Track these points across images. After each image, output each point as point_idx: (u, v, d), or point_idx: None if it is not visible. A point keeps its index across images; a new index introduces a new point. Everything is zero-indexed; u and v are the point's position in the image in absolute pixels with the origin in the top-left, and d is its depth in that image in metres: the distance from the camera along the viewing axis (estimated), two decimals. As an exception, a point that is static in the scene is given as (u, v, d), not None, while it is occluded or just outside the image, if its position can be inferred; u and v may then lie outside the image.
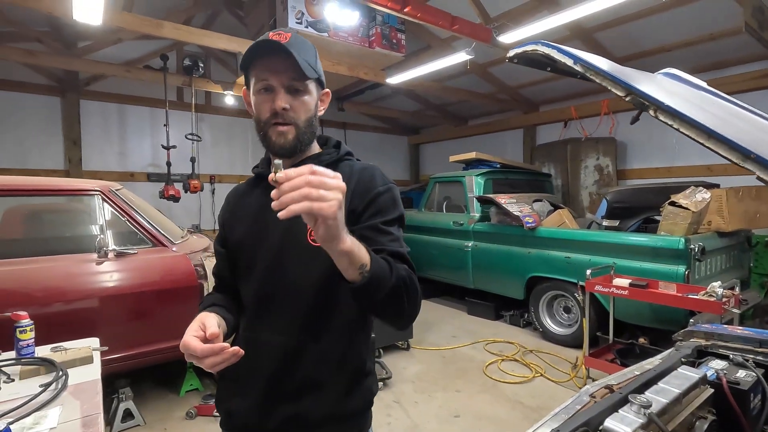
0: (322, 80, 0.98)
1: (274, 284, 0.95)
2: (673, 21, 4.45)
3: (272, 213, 0.82)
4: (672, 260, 3.25)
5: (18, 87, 5.75)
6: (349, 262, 0.72)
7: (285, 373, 0.93)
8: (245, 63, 0.90)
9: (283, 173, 0.62)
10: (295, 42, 0.89)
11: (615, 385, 1.04)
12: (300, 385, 0.93)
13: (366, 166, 1.01)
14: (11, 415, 1.15)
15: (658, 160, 5.68)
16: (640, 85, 0.81)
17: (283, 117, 0.90)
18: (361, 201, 0.92)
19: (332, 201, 0.62)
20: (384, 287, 0.76)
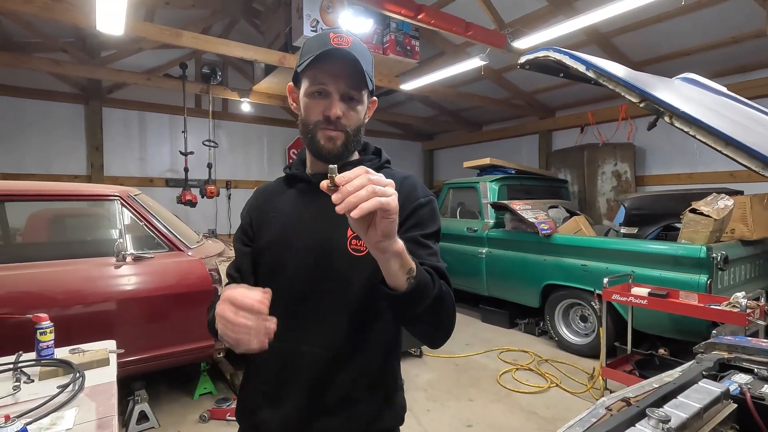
0: (373, 89, 0.96)
1: (310, 291, 0.91)
2: (694, 24, 4.36)
3: (306, 216, 0.85)
4: (693, 269, 3.16)
5: (44, 95, 5.96)
6: (400, 265, 0.70)
7: (323, 386, 0.90)
8: (304, 62, 0.87)
9: (341, 176, 0.63)
10: (357, 48, 0.88)
11: (632, 398, 1.01)
12: (337, 400, 0.90)
13: (406, 175, 0.99)
14: (30, 416, 1.18)
15: (678, 166, 5.55)
16: (655, 91, 0.79)
17: (335, 124, 0.89)
18: (403, 211, 0.89)
19: (394, 195, 0.63)
20: (427, 297, 0.75)
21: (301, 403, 0.90)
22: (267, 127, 7.81)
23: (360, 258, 0.87)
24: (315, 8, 4.24)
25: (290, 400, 0.91)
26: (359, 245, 0.89)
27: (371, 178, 0.62)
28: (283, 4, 4.67)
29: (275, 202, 1.03)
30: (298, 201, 0.98)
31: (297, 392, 0.90)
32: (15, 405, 1.29)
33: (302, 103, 0.92)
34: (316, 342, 0.90)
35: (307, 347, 0.90)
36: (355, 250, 0.89)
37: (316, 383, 0.90)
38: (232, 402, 2.92)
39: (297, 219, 0.95)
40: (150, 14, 5.23)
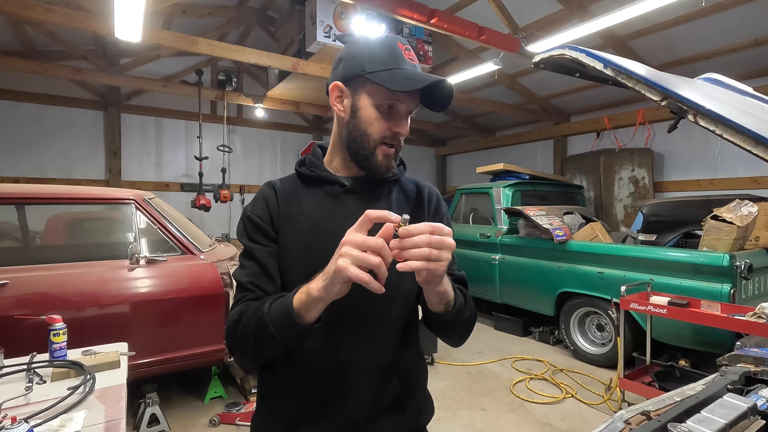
0: None
1: (352, 303, 0.81)
2: (714, 27, 4.26)
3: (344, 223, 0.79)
4: (715, 278, 3.05)
5: (66, 102, 6.13)
6: (439, 300, 0.77)
7: (374, 394, 0.88)
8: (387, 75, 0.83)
9: (405, 229, 0.65)
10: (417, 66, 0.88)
11: (652, 412, 0.96)
12: (387, 405, 0.90)
13: (429, 185, 1.03)
14: (39, 417, 1.18)
15: (699, 172, 5.41)
16: (678, 89, 0.75)
17: (398, 141, 0.89)
18: (427, 210, 0.98)
19: (445, 261, 0.67)
20: (460, 320, 0.85)
21: (353, 414, 0.87)
22: (280, 133, 7.89)
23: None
24: (328, 14, 4.27)
25: (341, 412, 0.87)
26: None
27: (432, 240, 0.65)
28: (296, 11, 4.72)
29: (298, 203, 0.94)
30: (331, 205, 0.92)
31: (348, 404, 0.87)
32: (26, 406, 1.29)
33: (366, 112, 0.86)
34: (362, 352, 0.88)
35: (354, 358, 0.87)
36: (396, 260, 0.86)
37: (366, 392, 0.88)
38: (242, 407, 2.91)
39: (334, 225, 0.87)
40: (167, 22, 5.34)
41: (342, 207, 0.91)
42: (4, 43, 5.16)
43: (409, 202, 0.98)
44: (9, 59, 4.75)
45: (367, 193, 0.93)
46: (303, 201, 0.94)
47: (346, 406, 0.87)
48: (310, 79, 5.17)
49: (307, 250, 0.89)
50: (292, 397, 0.90)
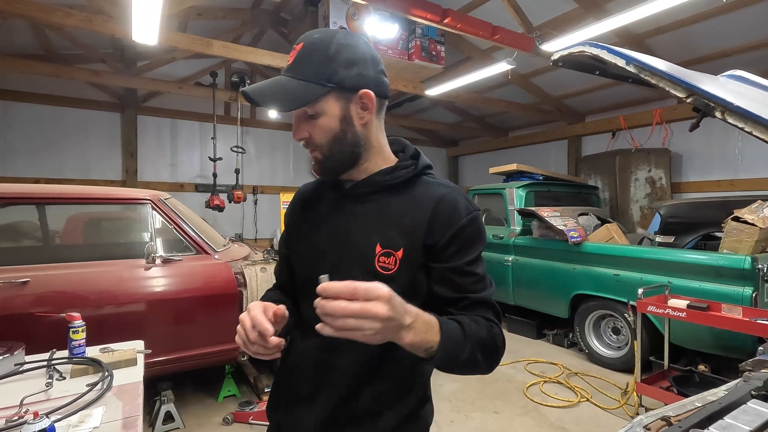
0: (351, 84, 0.81)
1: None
2: (735, 24, 4.16)
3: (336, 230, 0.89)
4: (737, 281, 2.98)
5: (84, 104, 6.26)
6: (411, 348, 0.70)
7: (351, 398, 0.88)
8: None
9: (322, 287, 0.61)
10: (301, 58, 0.81)
11: (673, 417, 0.94)
12: (362, 412, 0.88)
13: (447, 190, 0.89)
14: (60, 413, 1.20)
15: (718, 173, 5.28)
16: (704, 86, 0.73)
17: (308, 145, 0.86)
18: (442, 235, 0.83)
19: (369, 331, 0.62)
20: (455, 362, 0.75)
21: (329, 412, 0.88)
22: (292, 134, 7.93)
23: (388, 276, 0.83)
24: (341, 15, 4.29)
25: (320, 407, 0.89)
26: (387, 263, 0.84)
27: (350, 309, 0.60)
28: (309, 12, 4.75)
29: (310, 208, 0.98)
30: (331, 210, 0.93)
31: (328, 401, 0.88)
32: (47, 401, 1.32)
33: None
34: (346, 357, 0.87)
35: (339, 360, 0.88)
36: (383, 268, 0.84)
37: (345, 395, 0.88)
38: (255, 405, 2.93)
39: (327, 233, 0.91)
40: (183, 25, 5.42)
41: (340, 214, 0.91)
42: (25, 47, 5.29)
43: (408, 210, 0.86)
44: (30, 63, 4.87)
45: (356, 195, 0.90)
46: (315, 208, 0.96)
47: (324, 405, 0.88)
48: (322, 80, 5.19)
49: (306, 258, 0.95)
50: (289, 381, 0.96)
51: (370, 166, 0.89)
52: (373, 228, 0.86)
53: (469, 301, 0.83)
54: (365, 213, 0.88)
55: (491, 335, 0.81)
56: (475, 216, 0.88)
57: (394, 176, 0.88)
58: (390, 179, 0.88)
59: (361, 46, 0.84)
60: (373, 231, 0.86)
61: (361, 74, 0.82)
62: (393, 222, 0.85)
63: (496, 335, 0.82)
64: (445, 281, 0.84)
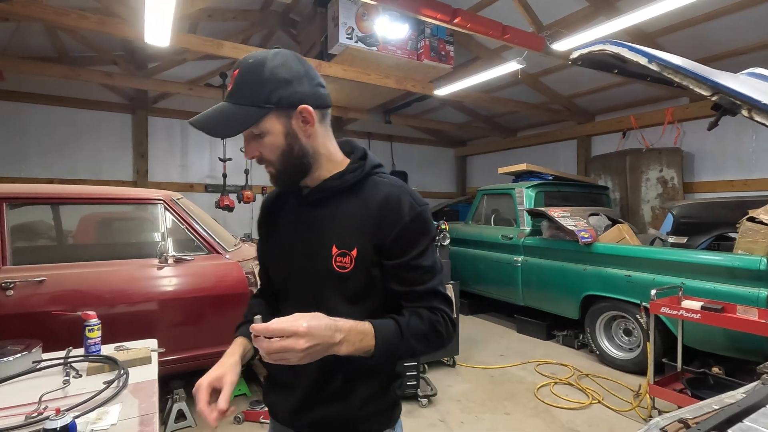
0: (288, 103, 0.86)
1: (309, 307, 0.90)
2: (750, 21, 4.10)
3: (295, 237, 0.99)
4: (752, 282, 2.93)
5: (96, 106, 6.34)
6: (351, 354, 0.83)
7: (323, 383, 0.96)
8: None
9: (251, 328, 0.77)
10: (239, 83, 0.86)
11: (690, 420, 0.93)
12: (334, 392, 0.96)
13: (392, 189, 0.94)
14: (77, 410, 1.22)
15: (732, 172, 5.20)
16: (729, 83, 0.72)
17: (260, 161, 0.92)
18: (387, 234, 0.90)
19: (294, 359, 0.76)
20: (393, 358, 0.91)
21: (305, 393, 0.98)
22: (301, 134, 7.96)
23: (345, 274, 0.92)
24: (351, 16, 4.29)
25: (298, 390, 0.98)
26: (344, 262, 0.92)
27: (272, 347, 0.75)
28: (319, 13, 4.76)
29: (273, 218, 1.07)
30: (293, 217, 1.01)
31: (303, 385, 0.98)
32: (65, 398, 1.34)
33: None
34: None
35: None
36: (340, 267, 0.92)
37: (318, 379, 0.96)
38: (266, 404, 2.94)
39: (291, 238, 1.00)
40: (193, 27, 5.46)
41: (298, 220, 1.00)
42: (39, 50, 5.38)
43: (358, 211, 0.93)
44: (43, 65, 4.94)
45: (313, 201, 0.97)
46: (278, 216, 1.05)
47: (301, 387, 0.98)
48: (331, 81, 5.20)
49: (275, 268, 1.05)
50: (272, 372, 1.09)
51: (322, 173, 0.96)
52: (329, 230, 0.94)
53: (416, 294, 0.92)
54: (322, 217, 0.96)
55: (432, 325, 0.91)
56: (419, 212, 0.92)
57: (344, 180, 0.95)
58: (340, 184, 0.95)
59: (293, 64, 0.88)
60: (329, 233, 0.94)
61: (296, 91, 0.86)
62: (346, 223, 0.93)
63: (437, 322, 0.91)
64: (395, 277, 0.93)
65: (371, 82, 5.04)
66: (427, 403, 3.15)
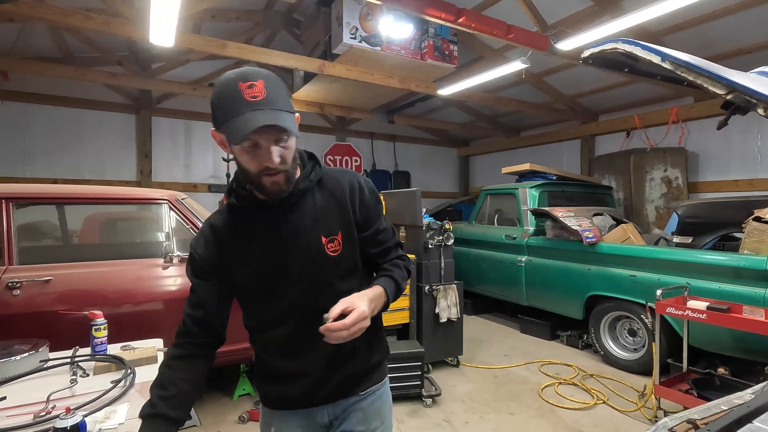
0: (293, 110, 0.98)
1: (309, 297, 1.07)
2: (755, 20, 4.08)
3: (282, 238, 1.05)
4: (758, 282, 2.91)
5: (100, 106, 6.36)
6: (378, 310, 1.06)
7: (335, 354, 1.09)
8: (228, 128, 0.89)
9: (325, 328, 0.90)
10: (270, 91, 0.90)
11: (699, 420, 0.92)
12: (345, 358, 1.12)
13: (347, 176, 1.13)
14: (85, 409, 1.22)
15: (737, 172, 5.18)
16: (744, 81, 0.71)
17: (277, 167, 0.94)
18: (360, 211, 1.10)
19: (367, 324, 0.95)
20: (395, 299, 1.12)
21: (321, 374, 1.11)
22: (304, 134, 7.97)
23: (337, 256, 1.07)
24: (355, 16, 4.29)
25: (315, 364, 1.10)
26: (334, 247, 1.07)
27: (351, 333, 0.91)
28: (322, 13, 4.76)
29: (241, 236, 1.07)
30: (270, 227, 1.06)
31: (318, 361, 1.10)
32: (73, 398, 1.34)
33: (238, 156, 0.95)
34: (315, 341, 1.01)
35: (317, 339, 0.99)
36: (332, 251, 1.07)
37: (331, 354, 1.09)
38: (270, 404, 2.95)
39: (278, 245, 1.05)
40: (197, 27, 5.48)
41: (276, 226, 1.05)
42: (44, 51, 5.40)
43: (334, 199, 1.09)
44: (48, 65, 4.96)
45: (288, 206, 1.05)
46: (238, 232, 1.07)
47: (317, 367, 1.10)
48: (335, 81, 5.21)
49: (265, 273, 1.06)
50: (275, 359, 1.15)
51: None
52: (313, 224, 1.06)
53: (388, 249, 1.17)
54: (301, 216, 1.06)
55: (406, 267, 1.18)
56: (371, 186, 1.16)
57: (310, 180, 1.07)
58: (309, 184, 1.07)
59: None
60: (314, 226, 1.06)
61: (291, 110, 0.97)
62: (326, 214, 1.07)
63: (405, 266, 1.18)
64: (371, 242, 1.14)
65: (375, 81, 5.04)
66: (431, 404, 3.15)
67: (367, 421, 1.17)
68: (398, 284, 1.12)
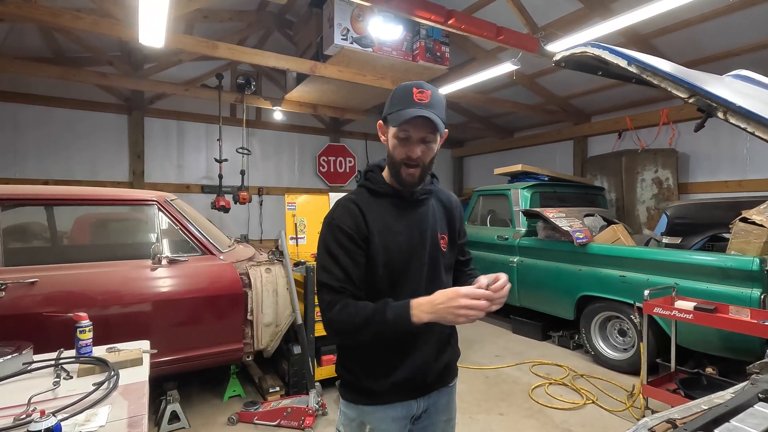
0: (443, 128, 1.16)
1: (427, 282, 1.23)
2: (743, 23, 4.12)
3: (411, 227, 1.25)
4: (744, 282, 2.95)
5: (91, 106, 6.32)
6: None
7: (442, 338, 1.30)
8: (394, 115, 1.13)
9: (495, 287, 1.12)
10: (435, 100, 1.13)
11: (678, 420, 0.93)
12: (446, 343, 1.32)
13: (449, 193, 1.43)
14: (66, 411, 1.21)
15: (726, 173, 5.23)
16: (706, 86, 0.73)
17: (414, 161, 1.16)
18: (457, 222, 1.37)
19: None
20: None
21: (433, 349, 1.27)
22: (298, 135, 7.97)
23: (446, 252, 1.30)
24: (346, 17, 4.30)
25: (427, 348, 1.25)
26: (443, 245, 1.29)
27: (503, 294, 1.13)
28: (314, 14, 4.77)
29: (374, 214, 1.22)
30: (395, 213, 1.24)
31: (431, 345, 1.26)
32: (54, 400, 1.34)
33: (390, 142, 1.19)
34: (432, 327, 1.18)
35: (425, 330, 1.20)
36: (443, 247, 1.29)
37: (438, 337, 1.28)
38: (260, 406, 2.94)
39: (410, 229, 1.23)
40: (189, 28, 5.46)
41: (408, 215, 1.25)
42: (35, 50, 5.36)
43: (444, 209, 1.35)
44: (39, 65, 4.92)
45: (417, 201, 1.27)
46: (377, 211, 1.22)
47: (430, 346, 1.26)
48: (327, 82, 5.21)
49: (386, 250, 1.19)
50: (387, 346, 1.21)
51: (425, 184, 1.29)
52: (433, 221, 1.29)
53: (468, 260, 1.45)
54: (425, 212, 1.29)
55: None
56: (462, 205, 1.44)
57: (433, 186, 1.34)
58: (432, 188, 1.33)
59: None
60: (434, 223, 1.29)
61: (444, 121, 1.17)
62: (439, 216, 1.32)
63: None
64: (461, 251, 1.41)
65: (367, 83, 5.05)
66: (421, 404, 3.15)
67: (449, 410, 1.37)
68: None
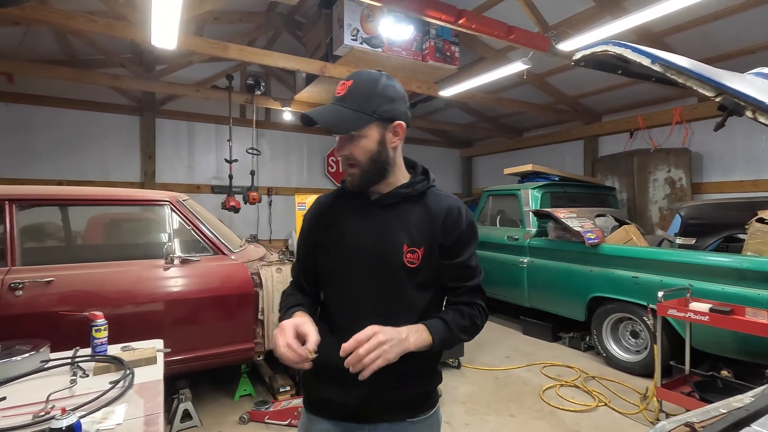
0: (389, 116, 1.03)
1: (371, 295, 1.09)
2: (758, 20, 4.05)
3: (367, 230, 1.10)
4: (761, 284, 2.89)
5: (104, 108, 6.40)
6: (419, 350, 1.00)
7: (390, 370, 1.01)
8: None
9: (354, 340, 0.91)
10: (352, 90, 1.01)
11: (697, 423, 0.92)
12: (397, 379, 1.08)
13: (453, 202, 1.13)
14: (84, 409, 1.23)
15: (741, 173, 5.14)
16: (733, 84, 0.71)
17: (348, 160, 1.05)
18: (449, 237, 1.09)
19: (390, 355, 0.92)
20: (449, 346, 1.08)
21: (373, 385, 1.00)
22: (306, 136, 7.99)
23: (413, 269, 1.06)
24: (356, 18, 4.30)
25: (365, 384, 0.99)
26: (412, 258, 1.06)
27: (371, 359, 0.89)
28: (324, 15, 4.78)
29: (338, 216, 1.15)
30: (362, 217, 1.12)
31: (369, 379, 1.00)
32: (71, 398, 1.35)
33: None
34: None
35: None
36: (409, 262, 1.06)
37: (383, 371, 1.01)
38: (271, 405, 2.95)
39: (362, 235, 1.10)
40: (200, 29, 5.51)
41: (363, 217, 1.12)
42: (48, 53, 5.44)
43: (429, 219, 1.09)
44: (53, 68, 5.00)
45: (386, 205, 1.11)
46: (335, 211, 1.16)
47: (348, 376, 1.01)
48: (336, 82, 5.21)
49: (326, 250, 1.14)
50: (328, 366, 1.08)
51: (395, 181, 1.11)
52: (400, 230, 1.08)
53: (465, 289, 1.12)
54: (393, 218, 1.09)
55: (471, 318, 1.10)
56: (472, 221, 1.14)
57: (413, 189, 1.11)
58: (410, 192, 1.10)
59: (398, 87, 1.07)
60: (400, 233, 1.08)
61: (396, 109, 1.04)
62: (415, 226, 1.08)
63: (475, 316, 1.11)
64: (450, 274, 1.10)
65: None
66: (431, 405, 3.14)
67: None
68: (450, 331, 1.05)
